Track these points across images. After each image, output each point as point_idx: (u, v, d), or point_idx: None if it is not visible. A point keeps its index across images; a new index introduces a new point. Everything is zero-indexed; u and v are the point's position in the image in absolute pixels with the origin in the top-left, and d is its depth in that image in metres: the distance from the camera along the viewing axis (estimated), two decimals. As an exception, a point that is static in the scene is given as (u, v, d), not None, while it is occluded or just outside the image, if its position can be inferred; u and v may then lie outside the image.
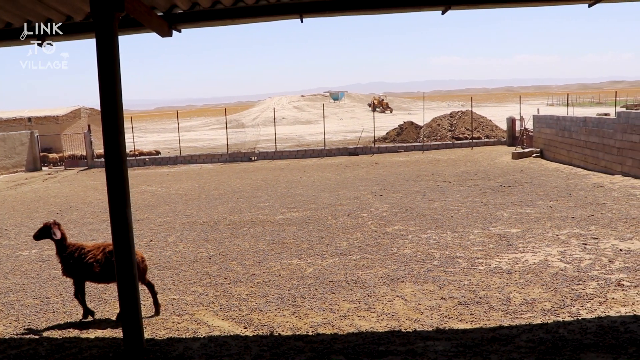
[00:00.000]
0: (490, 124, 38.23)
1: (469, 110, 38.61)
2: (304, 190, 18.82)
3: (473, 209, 13.60)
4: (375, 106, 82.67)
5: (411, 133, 37.74)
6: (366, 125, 46.39)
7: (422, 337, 6.02)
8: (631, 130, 18.15)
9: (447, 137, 36.09)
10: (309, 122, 73.61)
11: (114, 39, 5.20)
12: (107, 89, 5.20)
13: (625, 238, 10.12)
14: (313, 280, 8.53)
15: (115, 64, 5.23)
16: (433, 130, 37.79)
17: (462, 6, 6.64)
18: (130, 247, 5.49)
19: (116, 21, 5.21)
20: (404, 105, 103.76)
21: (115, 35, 5.21)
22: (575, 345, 5.51)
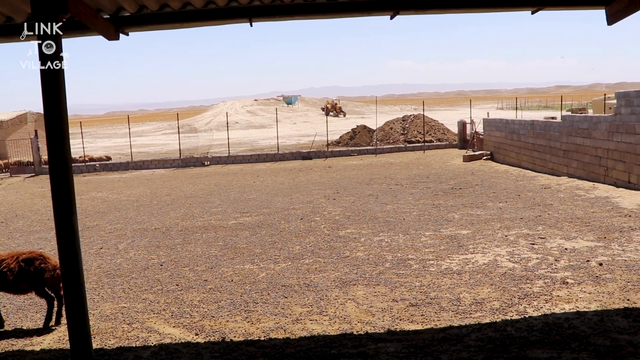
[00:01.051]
0: (442, 127, 38.80)
1: (421, 114, 39.12)
2: (257, 194, 18.75)
3: (425, 211, 13.77)
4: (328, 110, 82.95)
5: (364, 137, 38.01)
6: (320, 129, 46.52)
7: (374, 339, 6.06)
8: (575, 133, 18.68)
9: (400, 141, 36.47)
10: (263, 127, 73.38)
11: (58, 42, 5.09)
12: (50, 93, 5.08)
13: (571, 237, 10.40)
14: (265, 284, 8.50)
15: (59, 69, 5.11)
16: (386, 134, 38.13)
17: (409, 11, 6.72)
18: (76, 256, 5.36)
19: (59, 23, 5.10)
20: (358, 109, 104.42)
21: (58, 37, 5.10)
22: (522, 343, 5.63)
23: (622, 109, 16.13)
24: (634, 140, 15.54)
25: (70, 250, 5.29)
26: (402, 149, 34.24)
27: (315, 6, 6.50)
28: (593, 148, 17.67)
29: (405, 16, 7.12)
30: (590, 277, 7.91)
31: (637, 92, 15.69)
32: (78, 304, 5.38)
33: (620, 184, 16.08)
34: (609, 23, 6.96)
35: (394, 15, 6.84)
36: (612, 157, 16.63)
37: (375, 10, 6.70)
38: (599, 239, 10.18)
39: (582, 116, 19.40)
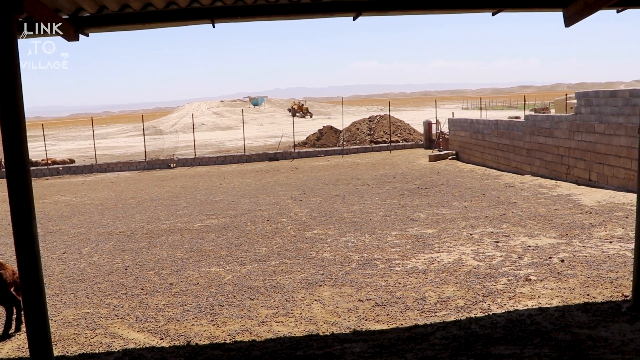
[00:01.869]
0: (408, 127, 39.08)
1: (388, 115, 39.34)
2: (224, 196, 18.64)
3: (391, 211, 13.85)
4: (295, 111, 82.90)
5: (331, 137, 38.08)
6: (286, 130, 46.47)
7: (340, 339, 6.07)
8: (538, 132, 19.00)
9: (366, 141, 36.63)
10: (229, 128, 72.96)
11: (13, 42, 4.98)
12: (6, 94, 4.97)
13: (534, 235, 10.57)
14: (231, 287, 8.45)
15: (15, 69, 5.00)
16: (352, 135, 38.26)
17: (372, 13, 6.73)
18: (36, 261, 5.25)
19: (14, 23, 4.99)
20: (324, 110, 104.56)
21: (13, 38, 4.98)
22: (486, 340, 5.69)
23: (582, 108, 16.46)
24: (594, 139, 15.87)
25: (29, 256, 5.18)
26: (368, 149, 34.39)
27: (278, 7, 6.47)
28: (555, 147, 17.99)
29: (369, 17, 7.14)
30: (552, 273, 8.05)
31: (596, 93, 16.03)
32: (38, 311, 5.27)
33: (582, 181, 16.40)
34: (567, 25, 7.09)
35: (357, 16, 6.86)
36: (573, 156, 16.96)
37: (337, 11, 6.70)
38: (561, 236, 10.37)
39: (544, 116, 19.75)
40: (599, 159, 15.69)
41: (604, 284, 7.41)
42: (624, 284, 7.23)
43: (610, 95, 15.35)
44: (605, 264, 8.35)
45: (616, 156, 14.98)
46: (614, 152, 15.05)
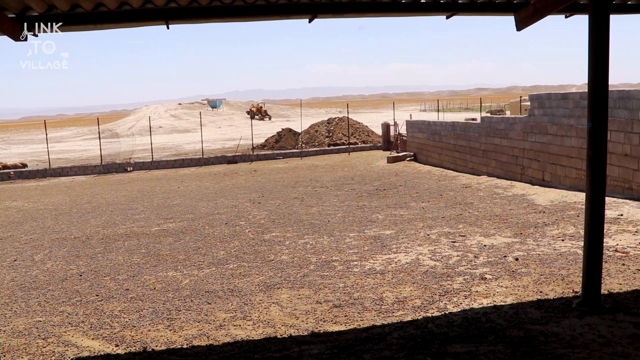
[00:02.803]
0: (366, 129, 39.33)
1: (346, 117, 39.53)
2: (182, 200, 18.45)
3: (349, 213, 13.91)
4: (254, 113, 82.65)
5: (290, 140, 38.07)
6: (245, 132, 46.25)
7: (298, 341, 6.06)
8: (493, 133, 19.34)
9: (325, 143, 36.73)
10: (187, 131, 72.29)
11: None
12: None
13: (489, 234, 10.74)
14: (189, 291, 8.36)
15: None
16: (311, 137, 38.32)
17: (327, 15, 6.77)
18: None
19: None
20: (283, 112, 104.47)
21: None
22: (442, 339, 5.75)
23: (535, 110, 16.81)
24: (547, 140, 16.23)
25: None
26: (327, 151, 34.49)
27: (232, 9, 6.44)
28: (510, 148, 18.34)
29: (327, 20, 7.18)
30: (507, 272, 8.19)
31: (548, 95, 16.40)
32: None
33: (536, 181, 16.75)
34: (518, 29, 7.25)
35: (312, 18, 6.88)
36: (528, 157, 17.31)
37: (293, 13, 6.71)
38: (516, 235, 10.57)
39: (499, 117, 20.13)
40: (552, 160, 16.06)
41: (556, 281, 7.58)
42: (575, 281, 7.40)
43: (562, 98, 15.72)
44: (558, 261, 8.55)
45: (568, 157, 15.35)
46: (566, 153, 15.42)
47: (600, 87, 5.93)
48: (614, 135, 13.48)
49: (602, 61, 5.90)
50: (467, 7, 6.93)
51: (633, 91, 13.20)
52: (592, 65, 5.96)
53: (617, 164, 13.54)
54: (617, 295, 6.81)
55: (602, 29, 5.87)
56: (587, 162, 6.10)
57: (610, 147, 13.41)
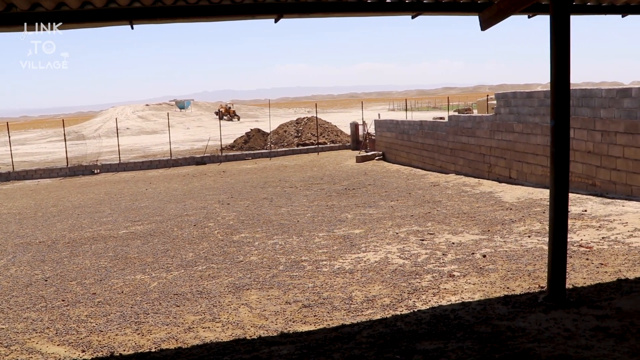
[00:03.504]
0: (335, 129, 39.38)
1: (315, 117, 39.54)
2: (150, 202, 18.26)
3: (319, 213, 13.92)
4: (222, 114, 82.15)
5: (259, 140, 37.94)
6: (213, 133, 45.92)
7: (267, 342, 6.04)
8: (461, 132, 19.54)
9: (294, 143, 36.70)
10: (155, 132, 71.54)
11: None
12: None
13: (457, 232, 10.85)
14: (157, 294, 8.28)
15: None
16: (280, 137, 38.26)
17: (293, 15, 6.77)
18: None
19: None
20: (252, 113, 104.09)
21: None
22: (411, 336, 5.78)
23: (501, 109, 17.04)
24: (513, 138, 16.46)
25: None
26: (296, 151, 34.47)
27: (198, 9, 6.39)
28: (477, 146, 18.54)
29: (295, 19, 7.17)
30: (474, 268, 8.28)
31: (514, 94, 16.63)
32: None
33: (503, 179, 16.97)
34: (483, 29, 7.33)
35: (278, 18, 6.87)
36: (494, 155, 17.53)
37: (259, 13, 6.68)
38: (483, 232, 10.69)
39: (467, 116, 20.35)
40: (518, 157, 16.29)
41: (522, 276, 7.69)
42: (541, 276, 7.51)
43: (527, 97, 15.96)
44: (524, 257, 8.67)
45: (534, 154, 15.58)
46: (532, 151, 15.65)
47: (562, 86, 6.02)
48: (578, 133, 13.73)
49: (564, 60, 6.00)
50: (432, 7, 6.99)
51: (595, 90, 13.46)
52: (554, 65, 6.05)
53: (581, 161, 13.79)
54: (581, 289, 6.94)
55: (563, 29, 5.96)
56: (551, 159, 6.19)
57: (574, 145, 13.67)
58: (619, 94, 12.67)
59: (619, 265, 7.88)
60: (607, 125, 12.96)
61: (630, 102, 12.32)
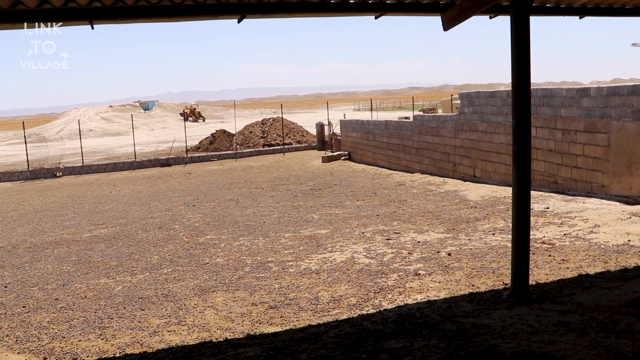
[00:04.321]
0: (301, 129, 39.38)
1: (280, 117, 39.48)
2: (114, 205, 18.00)
3: (285, 213, 13.90)
4: (187, 115, 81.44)
5: (224, 141, 37.72)
6: (178, 135, 45.51)
7: (233, 345, 6.00)
8: (425, 131, 19.70)
9: (260, 144, 36.59)
10: (119, 134, 70.59)
11: None
12: None
13: (423, 231, 10.93)
14: (122, 298, 8.16)
15: None
16: (246, 138, 38.09)
17: (256, 15, 6.74)
18: None
19: None
20: (217, 114, 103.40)
21: None
22: (377, 335, 5.80)
23: (465, 108, 17.23)
24: (477, 137, 16.65)
25: None
26: (262, 152, 34.37)
27: (159, 9, 6.32)
28: (442, 145, 18.72)
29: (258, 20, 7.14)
30: (440, 267, 8.35)
31: (477, 93, 16.83)
32: None
33: (467, 178, 17.16)
34: (445, 29, 7.41)
35: (241, 18, 6.83)
36: (459, 154, 17.71)
37: (221, 13, 6.64)
38: (449, 230, 10.80)
39: (431, 116, 20.53)
40: (482, 156, 16.49)
41: (487, 274, 7.78)
42: (505, 273, 7.62)
43: (490, 96, 16.16)
44: (488, 255, 8.78)
45: (497, 153, 15.79)
46: (495, 149, 15.86)
47: (522, 85, 6.12)
48: (540, 132, 13.96)
49: (524, 60, 6.09)
50: (395, 8, 7.03)
51: (556, 89, 13.71)
52: (515, 65, 6.14)
53: (543, 159, 14.02)
54: (544, 285, 7.06)
55: (522, 29, 6.06)
56: (513, 157, 6.28)
57: (536, 143, 13.89)
58: (579, 94, 12.92)
59: (580, 261, 8.03)
60: (567, 124, 13.20)
61: (589, 101, 12.57)
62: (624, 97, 11.74)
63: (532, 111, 13.81)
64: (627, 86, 11.88)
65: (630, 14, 8.49)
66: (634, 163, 11.64)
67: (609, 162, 12.18)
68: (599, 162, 12.45)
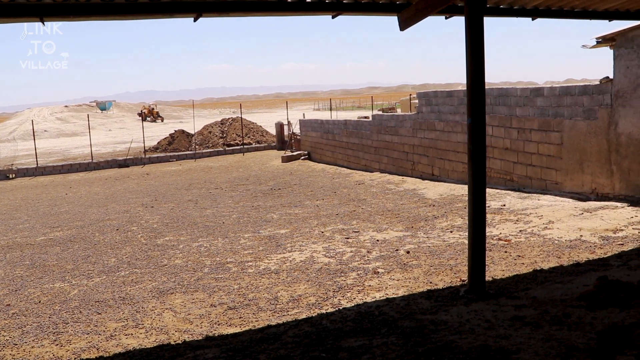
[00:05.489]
0: (260, 129, 39.25)
1: (240, 117, 39.28)
2: (70, 207, 17.64)
3: (244, 214, 13.83)
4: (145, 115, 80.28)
5: (183, 142, 37.35)
6: (136, 135, 44.86)
7: (192, 347, 5.94)
8: (384, 131, 19.84)
9: (219, 144, 36.34)
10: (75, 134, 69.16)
11: None
12: None
13: (382, 229, 11.01)
14: (77, 302, 7.99)
15: None
16: (205, 138, 37.79)
17: (213, 14, 6.68)
18: None
19: None
20: (176, 114, 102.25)
21: None
22: (337, 334, 5.81)
23: (423, 107, 17.40)
24: (435, 136, 16.84)
25: None
26: (221, 152, 34.14)
27: (113, 7, 6.20)
28: (400, 144, 18.87)
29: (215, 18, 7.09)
30: (398, 265, 8.42)
31: (435, 93, 17.03)
32: None
33: (426, 176, 17.34)
34: (402, 29, 7.46)
35: (197, 17, 6.76)
36: (417, 152, 17.89)
37: (178, 12, 6.56)
38: (407, 228, 10.89)
39: (390, 115, 20.69)
40: (440, 155, 16.68)
41: (445, 271, 7.88)
42: (462, 270, 7.72)
43: (447, 95, 16.37)
44: (446, 252, 8.89)
45: (455, 151, 16.00)
46: (453, 148, 16.07)
47: (477, 85, 6.21)
48: (496, 131, 14.20)
49: (479, 60, 6.19)
50: (352, 7, 7.06)
51: (511, 89, 13.96)
52: (469, 64, 6.23)
53: (500, 157, 14.27)
54: (500, 281, 7.18)
55: (477, 30, 6.15)
56: (469, 156, 6.37)
57: (492, 142, 14.13)
58: (533, 93, 13.19)
59: (534, 257, 8.20)
60: (522, 122, 13.46)
61: (542, 100, 12.84)
62: (575, 97, 12.03)
63: (489, 110, 14.06)
64: (578, 86, 12.20)
65: (579, 17, 8.74)
66: (585, 161, 11.94)
67: (562, 160, 12.47)
68: (552, 160, 12.73)
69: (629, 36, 10.98)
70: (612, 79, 11.31)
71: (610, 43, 11.46)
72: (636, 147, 10.99)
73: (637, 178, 11.07)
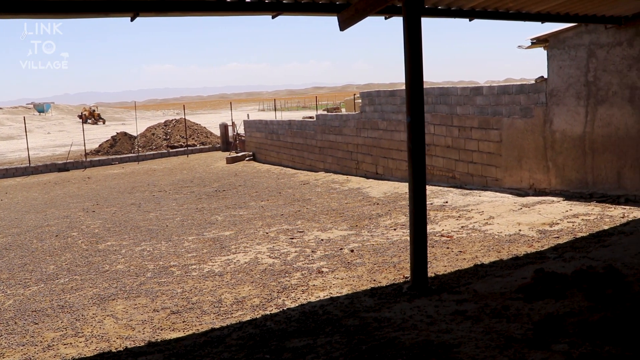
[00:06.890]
0: (205, 130, 38.85)
1: (183, 118, 38.77)
2: (5, 213, 17.04)
3: (188, 216, 13.66)
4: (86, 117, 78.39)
5: (126, 144, 36.61)
6: (77, 138, 43.75)
7: (134, 353, 5.82)
8: (329, 130, 19.91)
9: (163, 146, 35.79)
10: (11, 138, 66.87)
11: None
12: None
13: (326, 229, 11.04)
14: (12, 313, 7.72)
15: None
16: (148, 140, 37.15)
17: (150, 13, 6.54)
18: None
19: None
20: (118, 116, 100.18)
21: None
22: (281, 335, 5.79)
23: (366, 107, 17.55)
24: (378, 135, 17.00)
25: None
26: (165, 154, 33.62)
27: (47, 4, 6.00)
28: (345, 144, 18.98)
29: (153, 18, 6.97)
30: (343, 264, 8.47)
31: (378, 92, 17.20)
32: None
33: (370, 175, 17.49)
34: (341, 29, 7.49)
35: (135, 17, 6.62)
36: (361, 152, 18.02)
37: (114, 11, 6.40)
38: (352, 227, 10.96)
39: (334, 115, 20.79)
40: (384, 154, 16.85)
41: (388, 268, 7.96)
42: (406, 267, 7.81)
43: (390, 95, 16.55)
44: (390, 250, 8.99)
45: (398, 150, 16.18)
46: (396, 147, 16.25)
47: (416, 84, 6.29)
48: (437, 129, 14.44)
49: (417, 60, 6.27)
50: (292, 7, 7.04)
51: (452, 88, 14.23)
52: (408, 64, 6.31)
53: (442, 155, 14.51)
54: (443, 276, 7.31)
55: (414, 30, 6.23)
56: (408, 154, 6.46)
57: (435, 140, 14.36)
58: (472, 92, 13.47)
59: (476, 252, 8.38)
60: (463, 121, 13.73)
61: (482, 99, 13.13)
62: (512, 96, 12.36)
63: (431, 109, 14.30)
64: (516, 85, 12.55)
65: (514, 18, 8.98)
66: (524, 157, 12.28)
67: (501, 157, 12.78)
68: (492, 157, 13.03)
69: (561, 37, 11.35)
70: (547, 79, 11.67)
71: (544, 44, 11.81)
72: (570, 144, 11.37)
73: (571, 173, 11.46)
